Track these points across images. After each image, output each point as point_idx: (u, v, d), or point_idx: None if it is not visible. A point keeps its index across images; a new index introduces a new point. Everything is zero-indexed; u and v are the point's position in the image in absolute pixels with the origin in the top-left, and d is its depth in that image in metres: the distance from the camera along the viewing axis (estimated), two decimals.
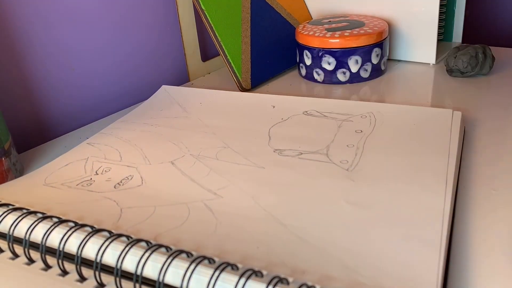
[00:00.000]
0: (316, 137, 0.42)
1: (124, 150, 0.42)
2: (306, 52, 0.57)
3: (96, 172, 0.38)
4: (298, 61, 0.60)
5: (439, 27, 0.61)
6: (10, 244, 0.29)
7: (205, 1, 0.55)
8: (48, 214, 0.30)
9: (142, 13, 0.57)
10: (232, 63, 0.56)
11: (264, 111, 0.47)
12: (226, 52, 0.55)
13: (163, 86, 0.56)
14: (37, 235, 0.28)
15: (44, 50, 0.48)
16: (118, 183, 0.36)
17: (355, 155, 0.38)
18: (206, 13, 0.55)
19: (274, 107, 0.48)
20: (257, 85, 0.58)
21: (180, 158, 0.40)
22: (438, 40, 0.59)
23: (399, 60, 0.62)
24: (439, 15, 0.57)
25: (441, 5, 0.58)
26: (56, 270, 0.27)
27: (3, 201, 0.32)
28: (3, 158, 0.38)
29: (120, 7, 0.54)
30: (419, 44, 0.60)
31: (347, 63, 0.55)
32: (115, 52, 0.55)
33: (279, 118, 0.46)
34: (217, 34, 0.55)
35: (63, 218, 0.30)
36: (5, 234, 0.29)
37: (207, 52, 0.68)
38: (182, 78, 0.63)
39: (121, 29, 0.55)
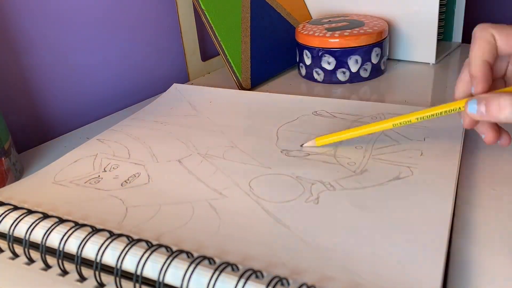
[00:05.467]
0: None
1: (133, 147, 0.42)
2: (306, 51, 0.57)
3: (104, 169, 0.39)
4: (298, 60, 0.60)
5: (439, 27, 0.61)
6: (10, 244, 0.29)
7: (205, 1, 0.55)
8: (49, 214, 0.30)
9: (142, 13, 0.57)
10: (232, 63, 0.56)
11: (274, 110, 0.47)
12: (226, 52, 0.55)
13: (174, 84, 0.56)
14: (37, 235, 0.28)
15: (44, 50, 0.48)
16: (125, 181, 0.37)
17: (363, 157, 0.38)
18: (206, 13, 0.55)
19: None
20: (257, 85, 0.58)
21: (188, 157, 0.40)
22: (438, 40, 0.59)
23: (398, 60, 0.62)
24: (439, 14, 0.57)
25: (441, 5, 0.58)
26: (56, 270, 0.27)
27: (3, 201, 0.32)
28: (3, 158, 0.38)
29: (120, 7, 0.54)
30: (419, 43, 0.60)
31: (347, 63, 0.55)
32: (115, 52, 0.55)
33: (288, 118, 0.46)
34: (217, 34, 0.55)
35: (63, 218, 0.30)
36: (5, 234, 0.29)
37: (207, 52, 0.68)
38: (182, 78, 0.63)
39: (120, 29, 0.55)
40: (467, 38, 0.67)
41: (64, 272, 0.27)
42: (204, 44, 0.67)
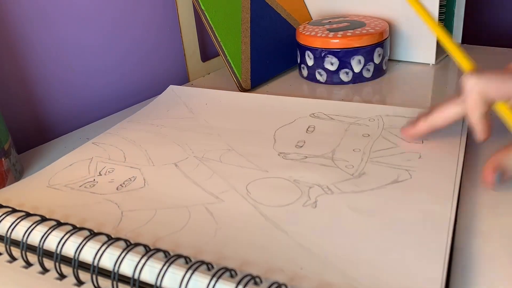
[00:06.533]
0: (322, 140, 0.41)
1: (129, 151, 0.41)
2: (308, 52, 0.57)
3: (99, 173, 0.38)
4: (299, 62, 0.60)
5: None
6: (8, 247, 0.29)
7: (205, 2, 0.55)
8: (46, 217, 0.30)
9: (142, 14, 0.57)
10: (231, 64, 0.55)
11: (271, 112, 0.47)
12: (225, 52, 0.55)
13: (170, 86, 0.56)
14: (34, 238, 0.28)
15: (44, 50, 0.48)
16: (120, 185, 0.36)
17: (361, 160, 0.37)
18: (206, 14, 0.55)
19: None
20: (257, 86, 0.58)
21: (184, 160, 0.39)
22: (438, 40, 0.59)
23: (399, 61, 0.62)
24: (439, 15, 0.57)
25: (440, 5, 0.57)
26: (53, 273, 0.27)
27: (1, 203, 0.32)
28: (3, 159, 0.38)
29: (120, 7, 0.54)
30: (419, 44, 0.59)
31: (350, 63, 0.55)
32: (115, 52, 0.55)
33: (286, 120, 0.45)
34: (216, 34, 0.55)
35: (61, 221, 0.30)
36: (3, 236, 0.29)
37: (207, 52, 0.68)
38: (182, 79, 0.63)
39: (120, 30, 0.55)
40: (467, 39, 0.67)
41: (62, 276, 0.27)
42: (204, 45, 0.67)
